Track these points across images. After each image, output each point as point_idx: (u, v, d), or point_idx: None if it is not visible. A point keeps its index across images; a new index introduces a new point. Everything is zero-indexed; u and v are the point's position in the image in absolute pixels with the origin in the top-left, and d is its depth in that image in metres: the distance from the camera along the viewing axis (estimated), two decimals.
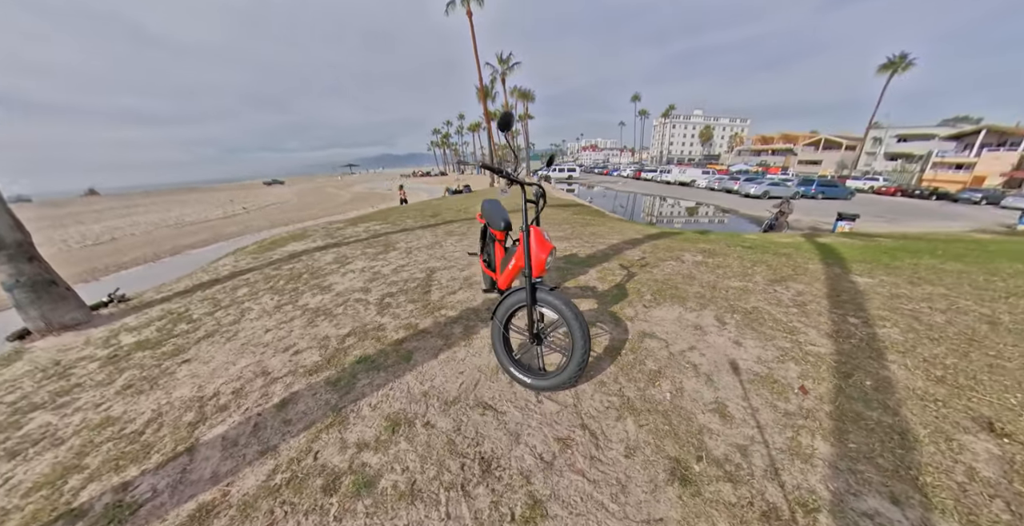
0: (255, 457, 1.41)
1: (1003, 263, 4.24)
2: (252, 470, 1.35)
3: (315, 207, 20.17)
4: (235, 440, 1.52)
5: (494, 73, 30.39)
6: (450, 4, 21.74)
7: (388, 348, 2.13)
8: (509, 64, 29.38)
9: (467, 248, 4.40)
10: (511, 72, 29.83)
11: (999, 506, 1.13)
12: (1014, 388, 1.67)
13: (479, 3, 21.22)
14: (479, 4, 21.24)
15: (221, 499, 1.22)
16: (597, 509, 1.07)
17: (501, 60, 29.38)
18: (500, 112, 1.69)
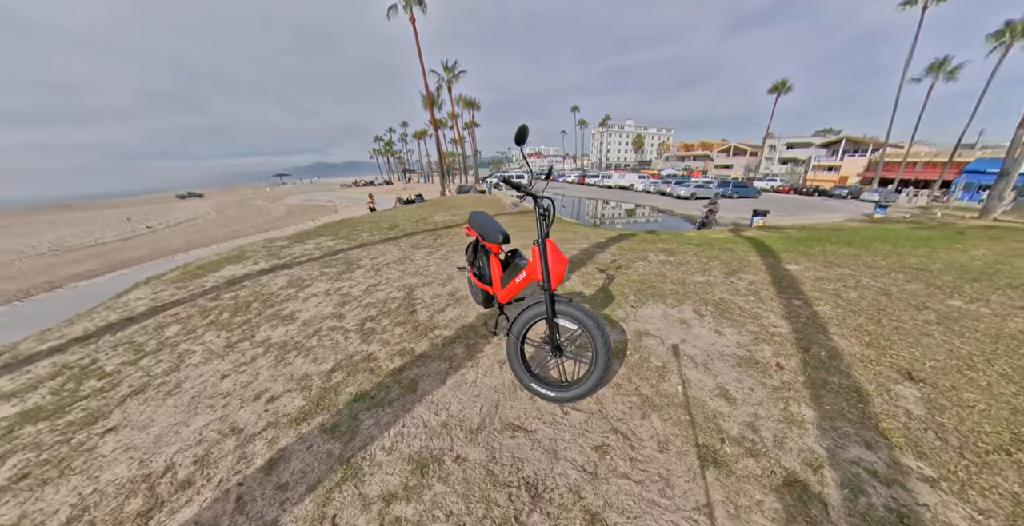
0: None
1: (878, 245, 5.34)
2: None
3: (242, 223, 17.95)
4: (214, 523, 1.23)
5: (440, 80, 30.26)
6: (391, 8, 21.14)
7: (387, 380, 1.95)
8: (455, 72, 29.47)
9: (439, 262, 4.28)
10: (457, 80, 29.95)
11: (931, 436, 1.44)
12: (914, 344, 2.15)
13: (422, 9, 20.92)
14: (422, 10, 20.95)
15: None
16: (651, 507, 1.14)
17: (447, 68, 29.36)
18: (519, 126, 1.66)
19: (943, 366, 1.93)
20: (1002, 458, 1.35)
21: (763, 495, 1.18)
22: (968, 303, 2.84)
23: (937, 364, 1.95)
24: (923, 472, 1.28)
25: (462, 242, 5.41)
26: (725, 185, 28.12)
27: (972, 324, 2.45)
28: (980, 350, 2.10)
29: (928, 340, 2.21)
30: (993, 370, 1.91)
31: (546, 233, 1.60)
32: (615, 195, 29.81)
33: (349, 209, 21.19)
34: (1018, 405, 1.64)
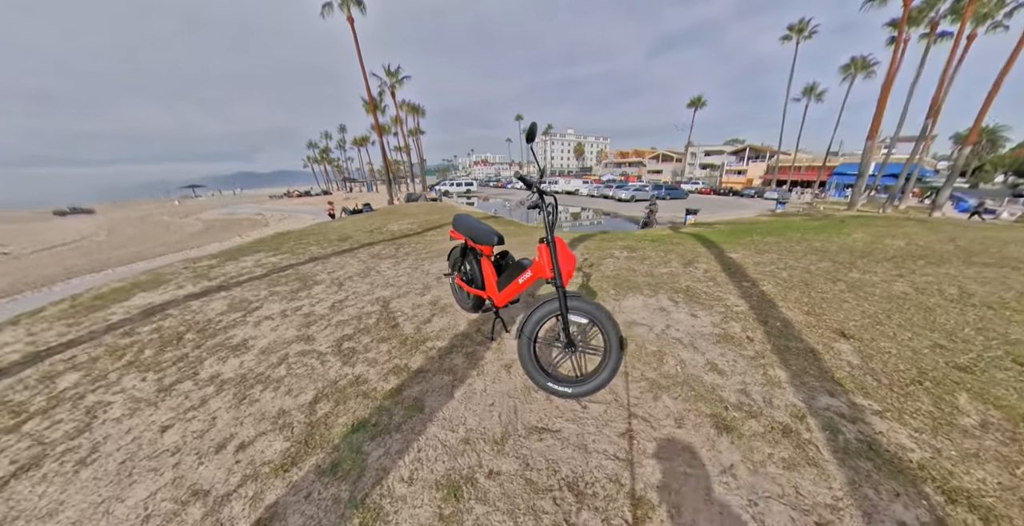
0: None
1: (789, 234, 6.37)
2: None
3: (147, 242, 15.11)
4: None
5: (382, 85, 29.05)
6: (326, 6, 19.78)
7: (386, 402, 1.75)
8: (398, 77, 28.51)
9: (409, 271, 4.08)
10: (400, 85, 29.01)
11: (869, 379, 1.79)
12: (838, 309, 2.63)
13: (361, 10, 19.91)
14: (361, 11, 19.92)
15: None
16: (684, 477, 1.23)
17: (389, 72, 28.28)
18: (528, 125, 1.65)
19: (861, 324, 2.41)
20: (916, 388, 1.73)
21: (771, 448, 1.36)
22: (863, 274, 3.56)
23: (857, 323, 2.42)
24: (872, 408, 1.59)
25: (429, 250, 5.24)
26: (659, 188, 31.27)
27: (871, 290, 3.08)
28: (881, 309, 2.65)
29: (846, 305, 2.73)
30: (893, 323, 2.43)
31: (552, 231, 1.63)
32: (564, 200, 31.36)
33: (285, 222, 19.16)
34: (915, 347, 2.11)
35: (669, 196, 30.88)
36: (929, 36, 18.63)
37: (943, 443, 1.40)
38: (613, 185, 33.95)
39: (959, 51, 16.55)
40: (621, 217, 20.20)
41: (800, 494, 1.18)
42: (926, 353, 2.05)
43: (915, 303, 2.80)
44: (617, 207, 24.40)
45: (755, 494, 1.17)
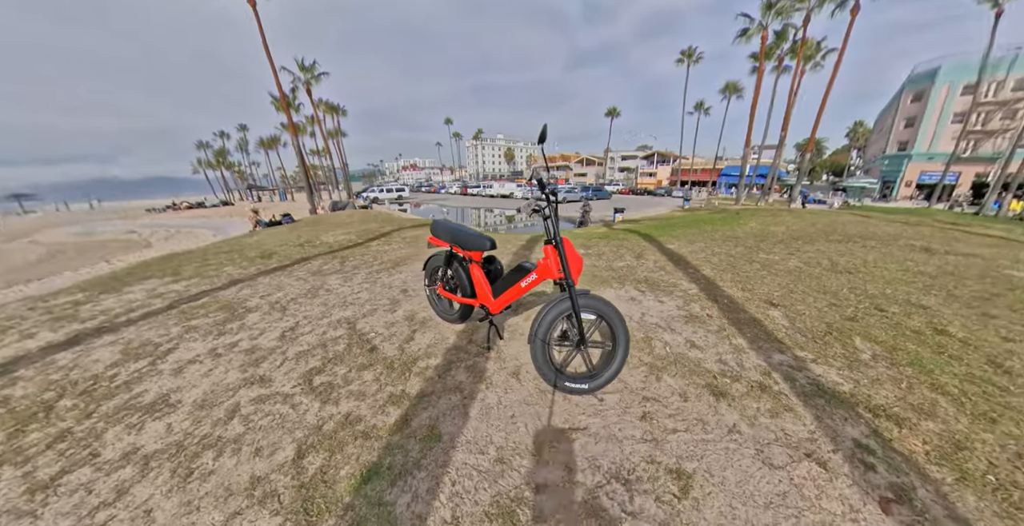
0: None
1: (703, 226, 7.53)
2: None
3: None
4: None
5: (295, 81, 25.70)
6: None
7: (395, 439, 1.51)
8: (314, 73, 25.44)
9: (367, 286, 3.70)
10: (317, 82, 25.96)
11: (799, 336, 2.28)
12: (760, 284, 3.26)
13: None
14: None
15: None
16: (706, 445, 1.40)
17: (303, 67, 25.04)
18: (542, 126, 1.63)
19: (779, 294, 3.02)
20: (829, 338, 2.26)
21: (756, 403, 1.64)
22: (768, 255, 4.43)
23: (777, 293, 3.03)
24: (808, 357, 2.03)
25: (381, 261, 4.84)
26: (587, 189, 34.00)
27: (776, 267, 3.86)
28: (788, 281, 3.36)
29: (765, 280, 3.38)
30: (799, 291, 3.10)
31: (557, 233, 1.67)
32: (499, 203, 31.96)
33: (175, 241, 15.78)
34: (818, 307, 2.74)
35: (596, 197, 33.77)
36: (778, 68, 24.02)
37: (857, 375, 1.86)
38: None
39: (797, 80, 21.55)
40: (561, 218, 21.39)
41: (787, 434, 1.46)
42: (826, 311, 2.68)
43: (807, 274, 3.61)
44: None
45: (759, 443, 1.41)
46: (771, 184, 25.54)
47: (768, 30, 21.18)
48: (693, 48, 34.39)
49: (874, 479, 1.25)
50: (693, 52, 34.38)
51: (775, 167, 24.72)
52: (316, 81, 25.08)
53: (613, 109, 49.67)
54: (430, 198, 39.98)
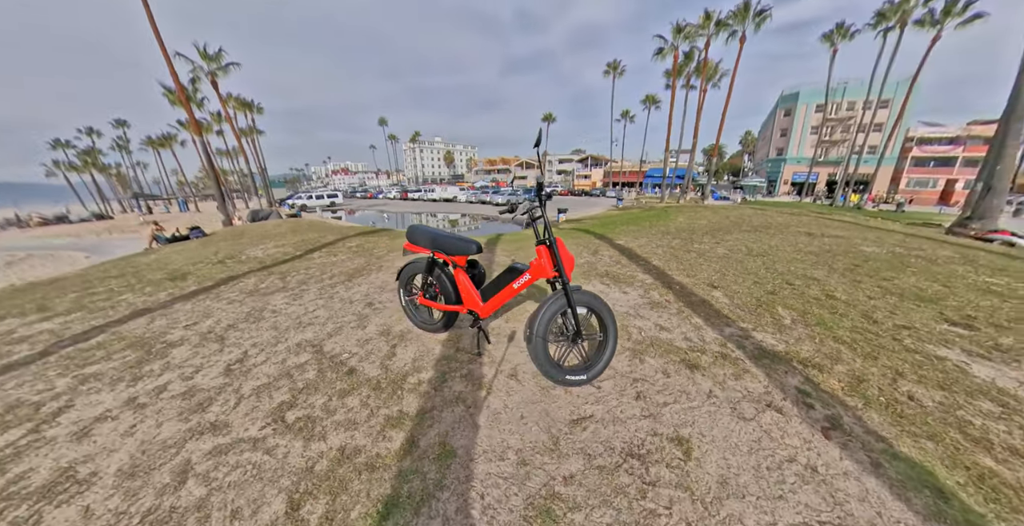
0: None
1: (641, 222, 8.36)
2: None
3: None
4: None
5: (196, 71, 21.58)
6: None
7: (405, 464, 1.40)
8: (221, 62, 21.64)
9: (324, 301, 3.35)
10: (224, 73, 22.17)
11: (739, 310, 2.73)
12: (700, 270, 3.79)
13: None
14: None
15: None
16: (692, 411, 1.63)
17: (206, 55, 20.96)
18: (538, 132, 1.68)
19: (716, 277, 3.56)
20: (760, 310, 2.74)
21: (722, 370, 1.94)
22: (700, 245, 5.14)
23: (714, 277, 3.56)
24: (749, 328, 2.45)
25: (331, 274, 4.41)
26: (529, 192, 35.15)
27: (709, 254, 4.51)
28: (720, 266, 3.96)
29: (703, 267, 3.94)
30: (730, 273, 3.69)
31: (550, 233, 1.76)
32: (443, 207, 31.37)
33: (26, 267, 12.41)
34: (747, 285, 3.29)
35: None
36: (687, 85, 27.74)
37: (785, 337, 2.32)
38: (489, 191, 36.34)
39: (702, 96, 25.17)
40: (504, 219, 21.71)
41: (750, 391, 1.77)
42: (753, 288, 3.24)
43: (732, 259, 4.29)
44: (496, 211, 26.06)
45: (731, 402, 1.69)
46: (688, 184, 29.27)
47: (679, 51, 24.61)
48: (618, 61, 37.89)
49: (814, 415, 1.60)
50: (618, 65, 37.87)
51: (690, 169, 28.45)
52: (223, 72, 21.75)
53: (549, 115, 52.37)
54: (367, 204, 37.54)
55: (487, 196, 33.36)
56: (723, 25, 21.91)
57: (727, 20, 21.62)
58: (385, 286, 3.70)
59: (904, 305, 2.94)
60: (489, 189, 40.64)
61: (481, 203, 33.26)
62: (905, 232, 7.52)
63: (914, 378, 1.88)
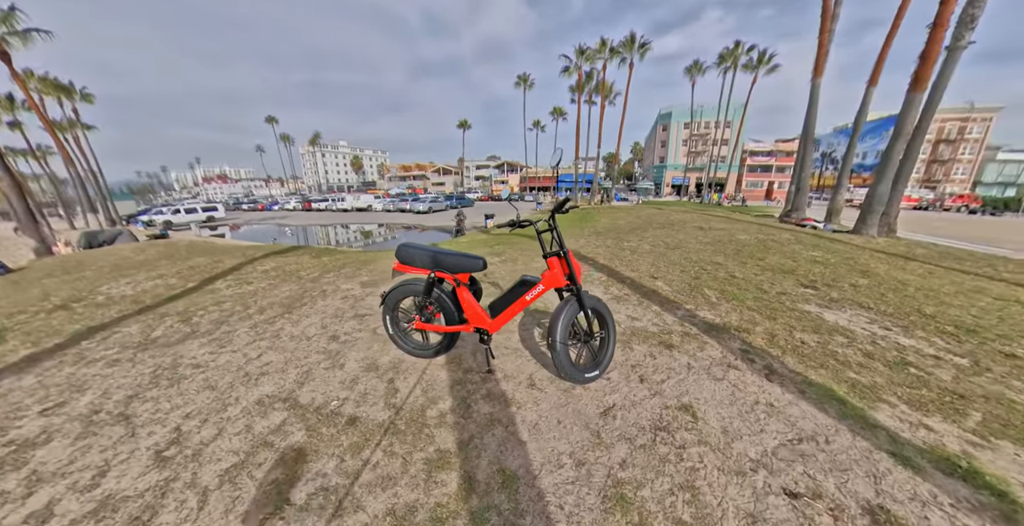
0: None
1: (573, 225, 9.24)
2: None
3: None
4: None
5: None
6: None
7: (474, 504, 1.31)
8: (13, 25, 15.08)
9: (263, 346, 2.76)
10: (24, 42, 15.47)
11: (680, 295, 3.37)
12: (639, 264, 4.49)
13: None
14: None
15: None
16: (682, 382, 2.02)
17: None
18: None
19: (654, 270, 4.27)
20: (694, 293, 3.43)
21: (690, 345, 2.42)
22: (629, 243, 6.01)
23: (652, 270, 4.27)
24: (693, 308, 3.07)
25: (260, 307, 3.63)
26: (451, 198, 34.90)
27: (639, 250, 5.33)
28: (652, 259, 4.74)
29: (639, 261, 4.67)
30: (661, 264, 4.46)
31: (563, 244, 1.93)
32: (357, 217, 28.82)
33: None
34: (677, 274, 4.05)
35: (460, 205, 35.10)
36: (589, 101, 31.28)
37: (718, 311, 2.98)
38: (408, 199, 34.86)
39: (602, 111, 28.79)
40: (431, 228, 21.03)
41: (714, 358, 2.26)
42: (682, 276, 4.00)
43: (657, 253, 5.16)
44: (420, 219, 25.07)
45: (705, 369, 2.14)
46: (596, 188, 32.92)
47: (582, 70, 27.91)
48: (527, 74, 40.51)
49: (756, 366, 2.16)
50: (527, 78, 40.53)
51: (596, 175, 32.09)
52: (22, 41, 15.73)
53: (464, 121, 52.94)
54: (260, 217, 31.87)
55: (406, 204, 31.88)
56: (616, 52, 25.91)
57: (618, 48, 25.63)
58: (343, 314, 3.21)
59: (776, 277, 4.02)
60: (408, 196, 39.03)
61: (400, 211, 31.62)
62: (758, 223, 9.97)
63: (799, 328, 2.67)
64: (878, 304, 3.26)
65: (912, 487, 1.33)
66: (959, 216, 22.67)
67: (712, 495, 1.30)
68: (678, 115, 41.75)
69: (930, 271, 4.65)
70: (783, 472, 1.40)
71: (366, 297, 3.63)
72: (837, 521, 1.19)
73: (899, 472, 1.40)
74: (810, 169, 12.58)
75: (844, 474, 1.39)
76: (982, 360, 2.28)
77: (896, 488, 1.33)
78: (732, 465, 1.43)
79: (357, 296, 3.68)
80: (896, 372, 2.12)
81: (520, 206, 34.48)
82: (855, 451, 1.50)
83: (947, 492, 1.31)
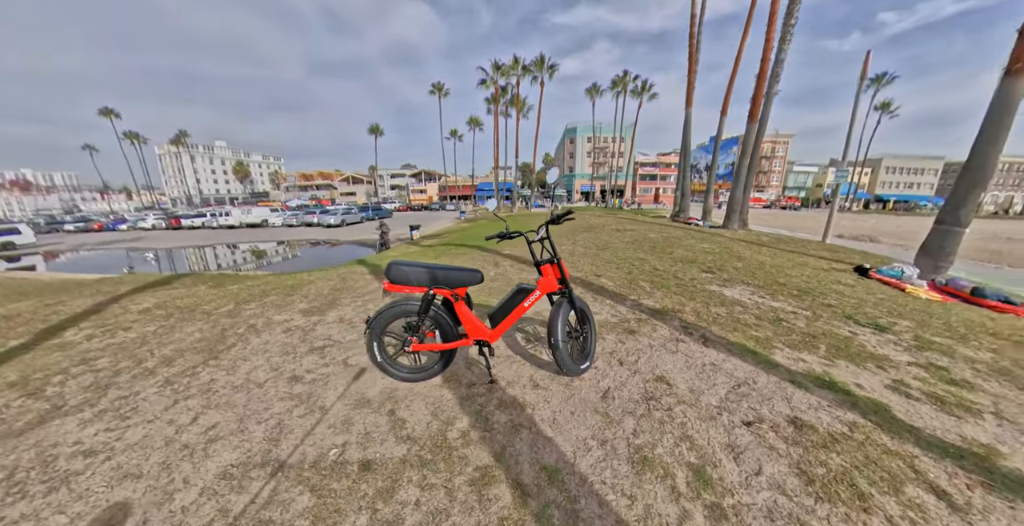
0: None
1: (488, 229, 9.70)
2: None
3: None
4: None
5: None
6: None
7: (532, 507, 1.36)
8: None
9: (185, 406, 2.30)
10: None
11: (621, 288, 3.98)
12: (579, 264, 5.08)
13: None
14: None
15: None
16: (652, 358, 2.44)
17: None
18: None
19: (595, 269, 4.88)
20: (632, 285, 4.09)
21: (646, 328, 2.92)
22: (563, 246, 6.65)
23: (592, 269, 4.88)
24: (635, 297, 3.67)
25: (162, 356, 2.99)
26: (365, 209, 32.53)
27: (574, 252, 5.98)
28: (588, 259, 5.40)
29: (581, 262, 5.27)
30: (598, 263, 5.12)
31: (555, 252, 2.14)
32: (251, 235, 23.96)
33: None
34: (615, 271, 4.72)
35: (377, 216, 33.00)
36: (505, 113, 32.95)
37: (655, 299, 3.64)
38: (315, 211, 31.23)
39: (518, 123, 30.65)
40: (347, 242, 18.96)
41: (667, 336, 2.80)
42: (618, 272, 4.69)
43: (591, 253, 5.89)
44: (333, 234, 22.08)
45: (664, 345, 2.64)
46: (516, 196, 34.60)
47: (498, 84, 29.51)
48: (442, 83, 40.44)
49: (695, 337, 2.76)
50: (442, 87, 40.52)
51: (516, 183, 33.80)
52: None
53: (377, 127, 49.96)
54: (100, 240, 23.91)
55: (313, 216, 28.37)
56: (528, 70, 28.29)
57: (530, 66, 28.02)
58: (294, 350, 2.74)
59: (685, 267, 5.02)
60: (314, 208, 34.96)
61: (307, 225, 28.00)
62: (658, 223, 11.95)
63: (712, 304, 3.46)
64: (753, 280, 4.39)
65: (807, 400, 1.96)
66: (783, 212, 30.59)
67: (701, 439, 1.70)
68: (582, 130, 47.01)
69: (774, 253, 6.37)
70: (737, 410, 1.90)
71: (315, 327, 3.18)
72: (777, 433, 1.70)
73: (798, 392, 2.03)
74: (690, 178, 15.65)
75: (770, 401, 1.96)
76: (816, 311, 3.34)
77: (800, 403, 1.94)
78: (705, 413, 1.88)
79: (303, 327, 3.20)
80: (776, 326, 2.96)
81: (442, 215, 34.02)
82: (771, 385, 2.12)
83: (823, 398, 1.98)
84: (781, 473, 1.50)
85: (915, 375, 2.26)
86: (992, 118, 4.73)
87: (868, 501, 1.36)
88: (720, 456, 1.60)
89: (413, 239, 14.97)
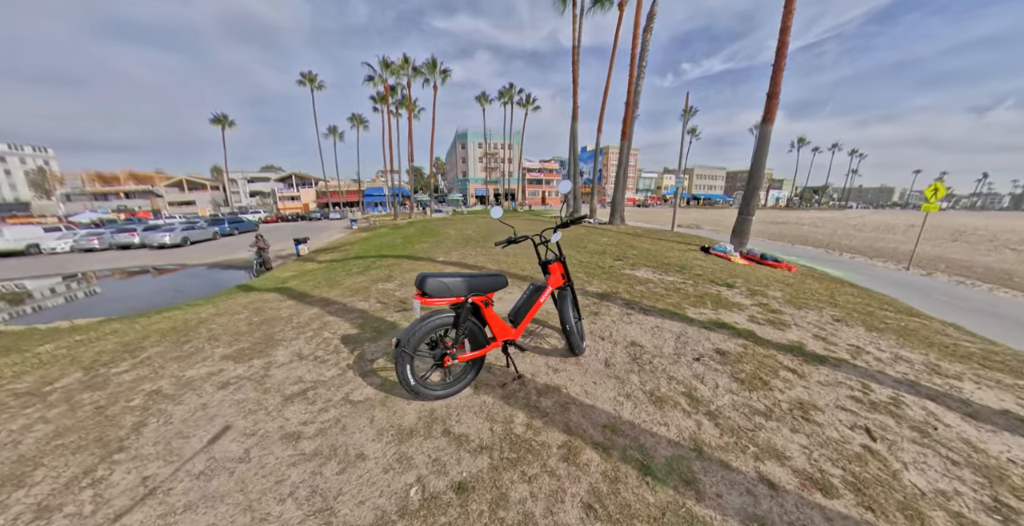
0: None
1: (426, 238, 9.64)
2: None
3: None
4: None
5: None
6: None
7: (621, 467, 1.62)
8: None
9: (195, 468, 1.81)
10: None
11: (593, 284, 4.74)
12: (519, 265, 5.68)
13: None
14: None
15: None
16: (621, 329, 3.13)
17: None
18: None
19: (534, 266, 5.54)
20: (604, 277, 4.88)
21: (605, 309, 3.66)
22: (494, 249, 7.17)
23: (530, 267, 5.52)
24: (582, 286, 4.44)
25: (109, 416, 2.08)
26: (219, 222, 26.33)
27: (508, 254, 6.56)
28: (529, 259, 6.04)
29: (520, 262, 5.85)
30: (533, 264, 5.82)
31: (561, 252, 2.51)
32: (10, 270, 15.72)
33: None
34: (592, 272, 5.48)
35: (237, 230, 27.25)
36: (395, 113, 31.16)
37: (597, 285, 4.49)
38: (134, 227, 23.09)
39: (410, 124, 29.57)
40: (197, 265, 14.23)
41: (622, 313, 3.59)
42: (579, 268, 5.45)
43: (518, 253, 6.56)
44: (174, 256, 16.07)
45: (621, 319, 3.40)
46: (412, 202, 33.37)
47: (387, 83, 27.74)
48: (314, 74, 35.37)
49: (636, 309, 3.65)
50: (315, 78, 35.47)
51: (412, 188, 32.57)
52: None
53: (224, 118, 39.24)
54: None
55: (133, 235, 20.45)
56: (419, 72, 27.47)
57: (422, 69, 27.30)
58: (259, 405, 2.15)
59: (601, 257, 6.18)
60: (130, 223, 26.17)
61: (121, 248, 20.10)
62: None
63: (634, 283, 4.52)
64: (648, 262, 5.79)
65: (715, 337, 2.98)
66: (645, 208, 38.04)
67: (679, 377, 2.42)
68: (472, 136, 48.45)
69: (652, 241, 8.33)
70: (686, 353, 2.75)
71: (268, 372, 2.56)
72: (714, 361, 2.59)
73: (710, 334, 3.05)
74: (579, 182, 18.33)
75: (700, 342, 2.89)
76: (692, 279, 4.76)
77: (715, 339, 2.94)
78: (671, 359, 2.66)
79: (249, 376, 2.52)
80: (678, 293, 4.15)
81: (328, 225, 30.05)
82: (696, 332, 3.09)
83: (723, 333, 3.04)
84: (726, 382, 2.35)
85: (757, 311, 3.62)
86: (759, 148, 7.53)
87: (769, 383, 2.32)
88: (694, 383, 2.36)
89: (301, 255, 12.84)
